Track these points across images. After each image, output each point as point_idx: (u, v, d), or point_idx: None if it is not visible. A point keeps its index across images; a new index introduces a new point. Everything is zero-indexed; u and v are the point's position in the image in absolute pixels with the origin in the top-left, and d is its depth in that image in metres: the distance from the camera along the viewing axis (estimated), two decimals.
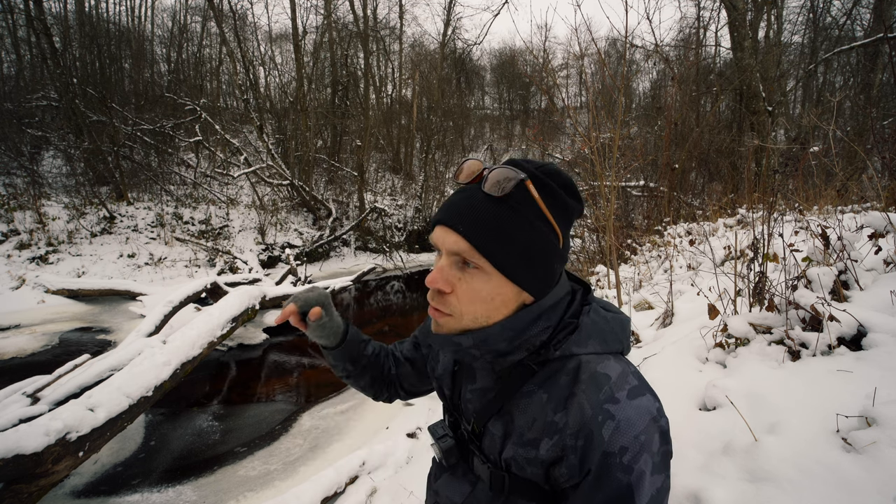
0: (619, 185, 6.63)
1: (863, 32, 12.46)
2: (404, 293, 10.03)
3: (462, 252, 0.59)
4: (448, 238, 0.60)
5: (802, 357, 1.28)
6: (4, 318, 6.37)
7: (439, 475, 0.76)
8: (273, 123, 16.78)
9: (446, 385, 0.79)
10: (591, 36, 3.96)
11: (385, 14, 21.27)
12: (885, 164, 2.98)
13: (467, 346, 0.63)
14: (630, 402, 0.56)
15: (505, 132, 25.84)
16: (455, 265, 0.61)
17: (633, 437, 0.54)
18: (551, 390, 0.61)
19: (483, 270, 0.59)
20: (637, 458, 0.54)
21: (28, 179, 10.66)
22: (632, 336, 2.37)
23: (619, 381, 0.58)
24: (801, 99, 15.44)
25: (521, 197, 0.58)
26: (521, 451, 0.61)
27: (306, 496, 2.66)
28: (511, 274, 0.59)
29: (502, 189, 0.58)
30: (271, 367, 5.44)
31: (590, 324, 0.63)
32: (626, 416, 0.55)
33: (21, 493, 2.52)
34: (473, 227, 0.58)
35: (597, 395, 0.57)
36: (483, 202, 0.59)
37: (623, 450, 0.54)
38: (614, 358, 0.62)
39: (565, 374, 0.61)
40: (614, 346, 0.64)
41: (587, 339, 0.62)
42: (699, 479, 1.03)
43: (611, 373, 0.59)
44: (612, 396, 0.56)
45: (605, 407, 0.55)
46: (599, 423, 0.55)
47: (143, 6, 19.71)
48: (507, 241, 0.58)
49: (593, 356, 0.61)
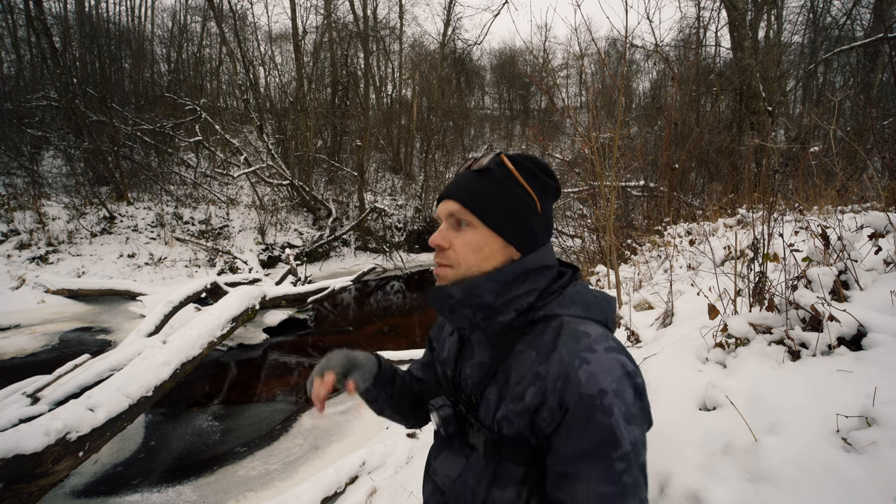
0: (619, 185, 6.63)
1: (863, 32, 12.46)
2: (404, 293, 10.03)
3: (455, 213, 0.72)
4: (445, 206, 0.74)
5: (802, 357, 1.28)
6: (4, 318, 6.37)
7: (439, 454, 0.81)
8: (273, 123, 16.78)
9: (449, 367, 0.85)
10: (591, 36, 3.96)
11: (385, 14, 21.28)
12: (885, 163, 2.98)
13: (458, 297, 0.71)
14: (606, 354, 0.62)
15: (505, 132, 25.83)
16: (451, 226, 0.74)
17: (609, 382, 0.59)
18: (539, 347, 0.67)
19: (473, 226, 0.72)
20: (614, 402, 0.58)
21: (28, 179, 10.66)
22: (630, 333, 2.37)
23: (598, 338, 0.64)
24: (801, 99, 15.43)
25: (500, 171, 0.73)
26: (511, 406, 0.67)
27: (306, 496, 2.66)
28: (495, 226, 0.71)
29: (483, 164, 0.74)
30: (271, 367, 5.44)
31: (573, 292, 0.72)
32: (600, 362, 0.61)
33: (21, 493, 2.52)
34: (463, 192, 0.73)
35: (575, 345, 0.63)
36: (471, 176, 0.74)
37: (602, 392, 0.59)
38: (597, 324, 0.69)
39: (550, 332, 0.68)
40: (596, 315, 0.71)
41: (570, 304, 0.70)
42: (699, 478, 1.03)
43: (591, 332, 0.65)
44: (590, 347, 0.63)
45: (583, 354, 0.62)
46: (576, 367, 0.61)
47: (143, 6, 19.75)
48: (490, 201, 0.71)
49: (575, 318, 0.68)
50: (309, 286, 6.99)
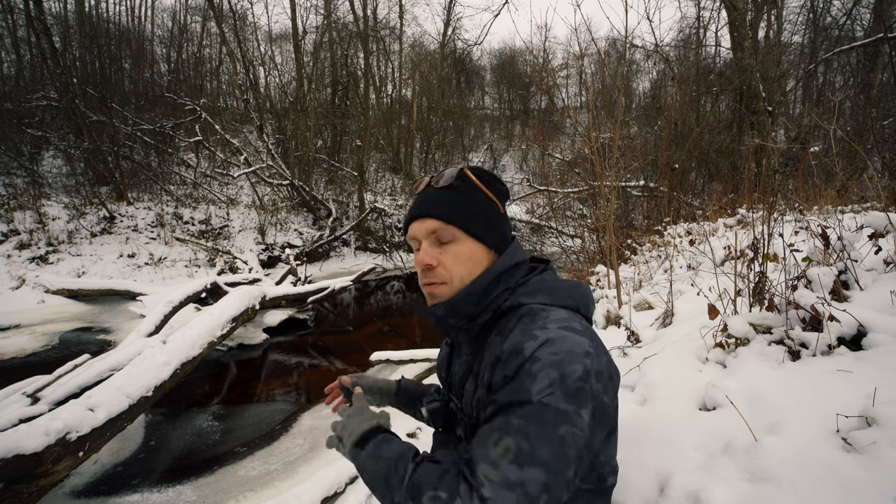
0: (619, 185, 6.63)
1: (863, 32, 12.45)
2: (404, 293, 10.03)
3: (437, 230, 0.74)
4: (423, 225, 0.76)
5: (802, 357, 1.28)
6: (4, 318, 6.37)
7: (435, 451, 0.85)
8: (273, 123, 16.77)
9: (443, 369, 0.91)
10: (591, 36, 3.96)
11: (385, 14, 21.26)
12: (885, 163, 2.97)
13: (441, 314, 0.74)
14: (558, 331, 0.63)
15: (505, 132, 25.83)
16: (433, 245, 0.75)
17: (548, 353, 0.60)
18: (503, 332, 0.70)
19: (457, 239, 0.74)
20: (545, 370, 0.59)
21: (28, 179, 10.66)
22: (630, 333, 2.36)
23: (557, 319, 0.66)
24: (801, 99, 15.43)
25: (464, 183, 0.77)
26: (481, 390, 0.70)
27: (306, 496, 2.66)
28: (477, 234, 0.75)
29: (449, 179, 0.76)
30: (271, 367, 5.44)
31: (539, 281, 0.75)
32: (548, 336, 0.62)
33: (21, 493, 2.51)
34: (441, 208, 0.75)
35: (531, 325, 0.66)
36: (440, 193, 0.77)
37: (534, 360, 0.60)
38: (565, 310, 0.70)
39: (514, 319, 0.70)
40: (564, 301, 0.73)
41: (535, 293, 0.73)
42: (699, 479, 1.03)
43: (551, 315, 0.67)
44: (544, 326, 0.64)
45: (534, 332, 0.64)
46: (523, 341, 0.63)
47: (143, 6, 19.74)
48: (466, 212, 0.75)
49: (539, 305, 0.71)
50: (309, 286, 6.99)
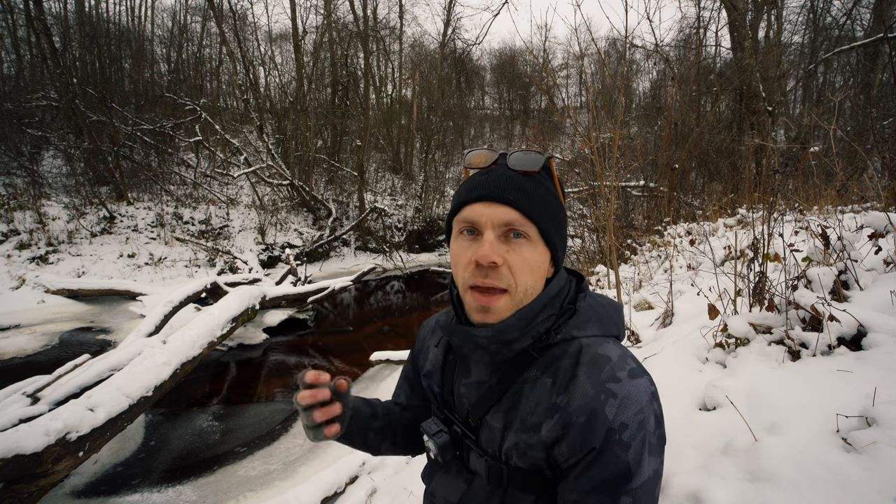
0: (619, 185, 6.63)
1: (863, 32, 12.45)
2: (404, 293, 10.03)
3: (513, 222, 0.60)
4: (496, 211, 0.60)
5: (802, 357, 1.28)
6: (4, 318, 6.37)
7: (432, 475, 0.75)
8: (273, 123, 16.76)
9: (436, 382, 0.77)
10: (591, 36, 3.96)
11: (385, 14, 21.26)
12: (885, 163, 2.98)
13: (483, 344, 0.63)
14: (630, 381, 0.57)
15: (505, 132, 25.81)
16: (501, 239, 0.60)
17: (633, 414, 0.55)
18: (556, 375, 0.61)
19: (529, 239, 0.61)
20: (636, 435, 0.55)
21: (28, 179, 10.65)
22: (630, 333, 2.37)
23: (620, 362, 0.59)
24: (801, 99, 15.43)
25: (547, 175, 0.65)
26: (524, 437, 0.61)
27: (306, 496, 2.66)
28: (550, 241, 0.62)
29: (535, 165, 0.62)
30: (271, 367, 5.44)
31: (587, 308, 0.66)
32: (626, 393, 0.56)
33: (21, 493, 2.51)
34: (522, 197, 0.60)
35: (598, 375, 0.58)
36: (520, 178, 0.62)
37: (623, 427, 0.55)
38: (613, 342, 0.64)
39: (568, 358, 0.62)
40: (612, 329, 0.66)
41: (586, 323, 0.64)
42: (699, 479, 1.03)
43: (611, 354, 0.60)
44: (614, 376, 0.58)
45: (608, 386, 0.57)
46: (602, 402, 0.56)
47: (143, 6, 19.73)
48: (548, 211, 0.62)
49: (593, 339, 0.63)
50: (309, 286, 6.99)
